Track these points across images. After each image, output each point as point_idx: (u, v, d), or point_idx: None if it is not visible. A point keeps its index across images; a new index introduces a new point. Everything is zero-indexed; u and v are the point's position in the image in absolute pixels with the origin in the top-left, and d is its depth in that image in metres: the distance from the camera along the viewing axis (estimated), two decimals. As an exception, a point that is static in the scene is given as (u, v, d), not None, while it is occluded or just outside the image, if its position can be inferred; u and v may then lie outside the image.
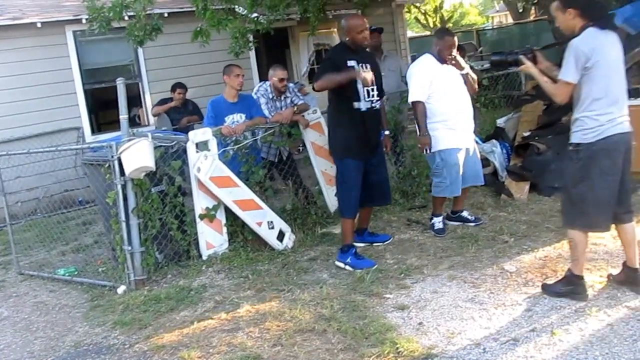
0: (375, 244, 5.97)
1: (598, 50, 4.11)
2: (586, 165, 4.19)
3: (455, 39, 6.05)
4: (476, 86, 6.36)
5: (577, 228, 4.30)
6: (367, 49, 5.69)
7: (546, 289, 4.51)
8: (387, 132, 5.96)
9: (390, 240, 6.03)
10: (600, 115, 4.13)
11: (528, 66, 4.58)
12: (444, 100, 5.88)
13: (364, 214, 5.98)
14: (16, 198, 8.50)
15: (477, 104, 6.28)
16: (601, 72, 4.13)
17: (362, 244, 5.91)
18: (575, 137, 4.24)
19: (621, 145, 4.19)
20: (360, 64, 5.35)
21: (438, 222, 6.14)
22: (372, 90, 5.43)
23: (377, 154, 5.70)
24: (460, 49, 6.74)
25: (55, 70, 9.95)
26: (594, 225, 4.31)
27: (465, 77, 6.07)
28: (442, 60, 5.94)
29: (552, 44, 5.20)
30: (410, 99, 5.96)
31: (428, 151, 5.91)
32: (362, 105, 5.39)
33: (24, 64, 9.71)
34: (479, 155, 6.32)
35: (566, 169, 4.39)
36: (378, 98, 5.53)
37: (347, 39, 5.48)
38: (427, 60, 6.01)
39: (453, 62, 5.95)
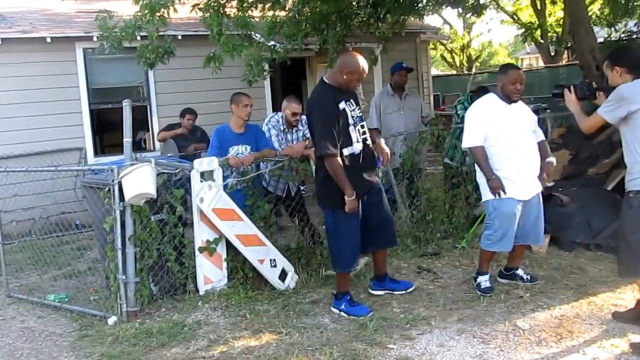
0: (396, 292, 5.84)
1: None
2: None
3: (521, 72, 5.73)
4: None
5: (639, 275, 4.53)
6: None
7: None
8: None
9: (412, 288, 5.89)
10: None
11: (569, 98, 4.99)
12: (502, 145, 5.54)
13: (378, 259, 5.82)
14: (11, 217, 8.63)
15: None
16: None
17: (381, 292, 5.81)
18: (636, 184, 4.51)
19: None
20: (347, 102, 5.27)
21: (484, 280, 5.76)
22: (362, 127, 5.37)
23: (375, 192, 5.52)
24: (486, 90, 6.71)
25: (61, 88, 10.13)
26: None
27: None
28: (507, 97, 5.59)
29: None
30: (465, 145, 5.71)
31: (501, 195, 5.50)
32: (356, 147, 5.28)
33: (30, 79, 9.89)
34: (542, 210, 5.84)
35: (624, 216, 4.61)
36: (365, 132, 5.41)
37: (332, 78, 5.34)
38: (487, 101, 5.72)
39: None
